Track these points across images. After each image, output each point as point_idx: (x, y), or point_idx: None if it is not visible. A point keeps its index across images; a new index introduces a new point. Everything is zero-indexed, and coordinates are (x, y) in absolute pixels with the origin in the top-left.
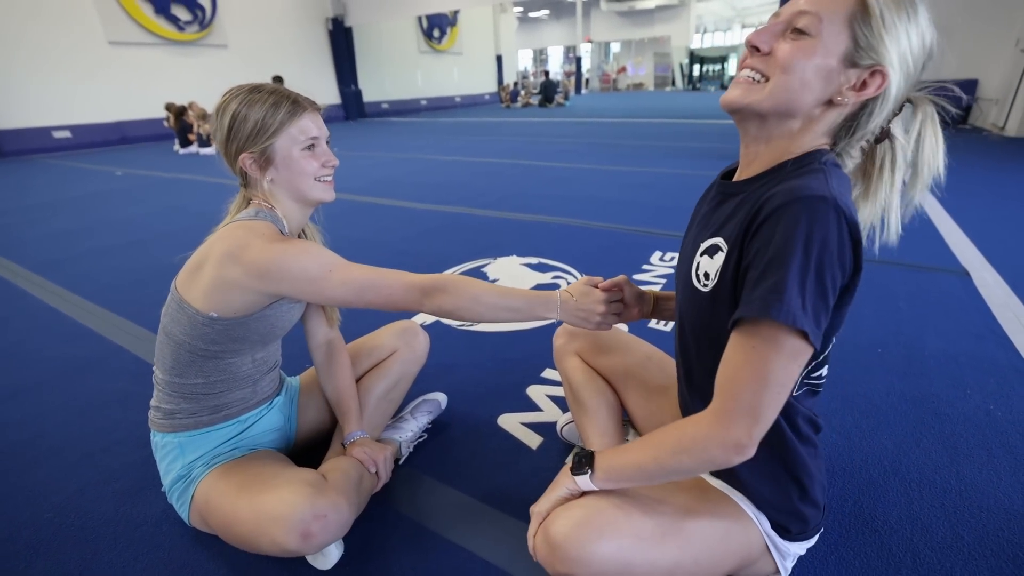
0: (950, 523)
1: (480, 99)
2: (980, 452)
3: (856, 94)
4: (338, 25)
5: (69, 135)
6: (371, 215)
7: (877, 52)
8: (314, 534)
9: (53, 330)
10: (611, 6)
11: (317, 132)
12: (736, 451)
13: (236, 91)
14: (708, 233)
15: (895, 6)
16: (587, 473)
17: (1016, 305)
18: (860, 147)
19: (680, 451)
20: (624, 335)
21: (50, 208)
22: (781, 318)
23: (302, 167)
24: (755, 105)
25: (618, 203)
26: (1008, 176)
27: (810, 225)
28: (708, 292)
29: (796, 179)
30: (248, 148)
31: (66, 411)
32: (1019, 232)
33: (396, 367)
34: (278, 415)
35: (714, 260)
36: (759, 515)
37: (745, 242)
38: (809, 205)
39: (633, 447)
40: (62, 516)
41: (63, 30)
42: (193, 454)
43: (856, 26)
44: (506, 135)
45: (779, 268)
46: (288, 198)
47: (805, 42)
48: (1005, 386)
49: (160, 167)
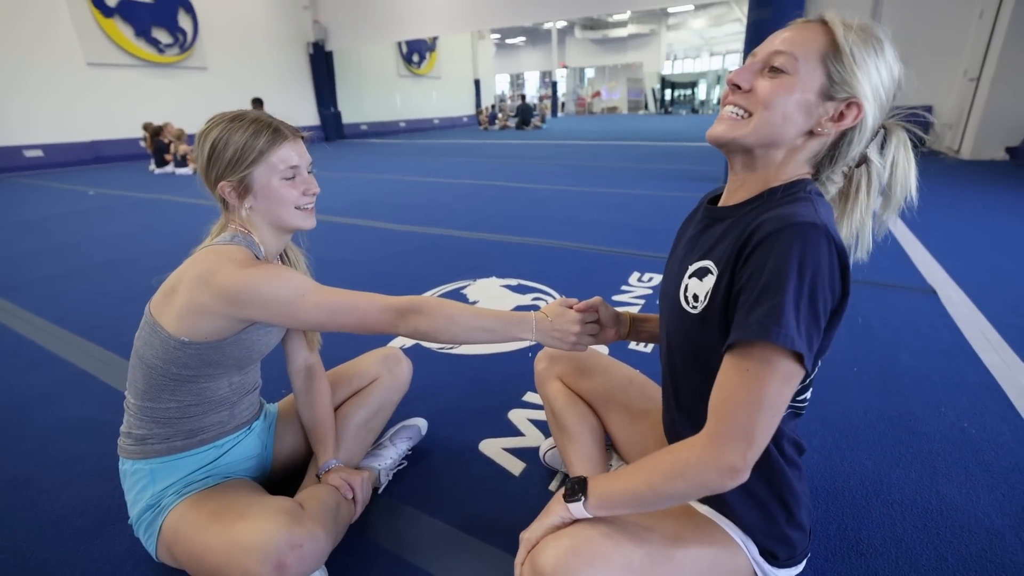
0: (933, 545)
1: (458, 121)
2: (958, 471)
3: (835, 125)
4: (319, 49)
5: (41, 154)
6: (350, 236)
7: (851, 86)
8: (289, 566)
9: (17, 356)
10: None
11: (298, 161)
12: (731, 475)
13: (219, 118)
14: (696, 256)
15: (863, 43)
16: (580, 500)
17: (982, 322)
18: (842, 172)
19: (674, 476)
20: (605, 358)
21: (17, 228)
22: (779, 340)
23: (281, 196)
24: (741, 139)
25: (596, 224)
26: (965, 197)
27: (803, 251)
28: (697, 314)
29: (785, 207)
30: (227, 176)
31: (28, 441)
32: (980, 251)
33: (377, 394)
34: (256, 441)
35: (703, 283)
36: (747, 541)
37: (736, 267)
38: (801, 231)
39: (626, 472)
40: (18, 556)
41: (42, 51)
42: (164, 481)
43: (829, 63)
44: (484, 157)
45: (775, 292)
46: (266, 225)
47: (783, 79)
48: (977, 403)
49: (135, 187)
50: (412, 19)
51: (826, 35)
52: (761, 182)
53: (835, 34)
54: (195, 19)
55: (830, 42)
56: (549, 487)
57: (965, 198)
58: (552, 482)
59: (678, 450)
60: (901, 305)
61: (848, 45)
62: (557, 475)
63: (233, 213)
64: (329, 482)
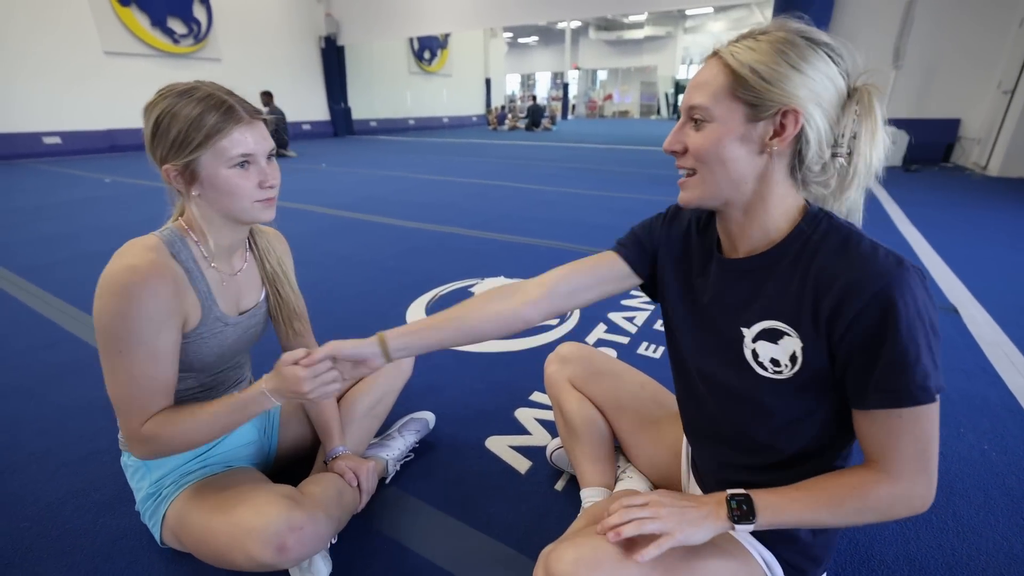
0: (948, 566)
1: (468, 121)
2: (977, 493)
3: (781, 140)
4: (331, 44)
5: (59, 141)
6: (358, 231)
7: (772, 100)
8: (289, 547)
9: (35, 334)
10: (599, 35)
11: (253, 147)
12: (923, 506)
13: (168, 90)
14: (750, 315)
15: (768, 54)
16: (752, 522)
17: (1006, 344)
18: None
19: (864, 510)
20: (617, 363)
21: (37, 213)
22: (932, 399)
23: (232, 187)
24: (702, 197)
25: (604, 228)
26: (992, 215)
27: (912, 302)
28: (785, 379)
29: (847, 252)
30: (171, 159)
31: (46, 418)
32: (1005, 270)
33: (380, 382)
34: (250, 429)
35: (781, 346)
36: (766, 555)
37: (833, 332)
38: (897, 283)
39: (799, 498)
40: (39, 526)
41: (61, 40)
42: (159, 471)
43: (739, 93)
44: (493, 157)
45: (912, 356)
46: (218, 215)
47: (706, 129)
48: (999, 426)
49: (149, 175)
50: (424, 15)
51: (724, 68)
52: (761, 220)
53: (730, 65)
54: (209, 10)
55: (730, 74)
56: (555, 486)
57: (992, 216)
58: (558, 481)
59: (863, 486)
60: None
61: (747, 67)
62: (563, 475)
63: (184, 199)
64: (335, 469)
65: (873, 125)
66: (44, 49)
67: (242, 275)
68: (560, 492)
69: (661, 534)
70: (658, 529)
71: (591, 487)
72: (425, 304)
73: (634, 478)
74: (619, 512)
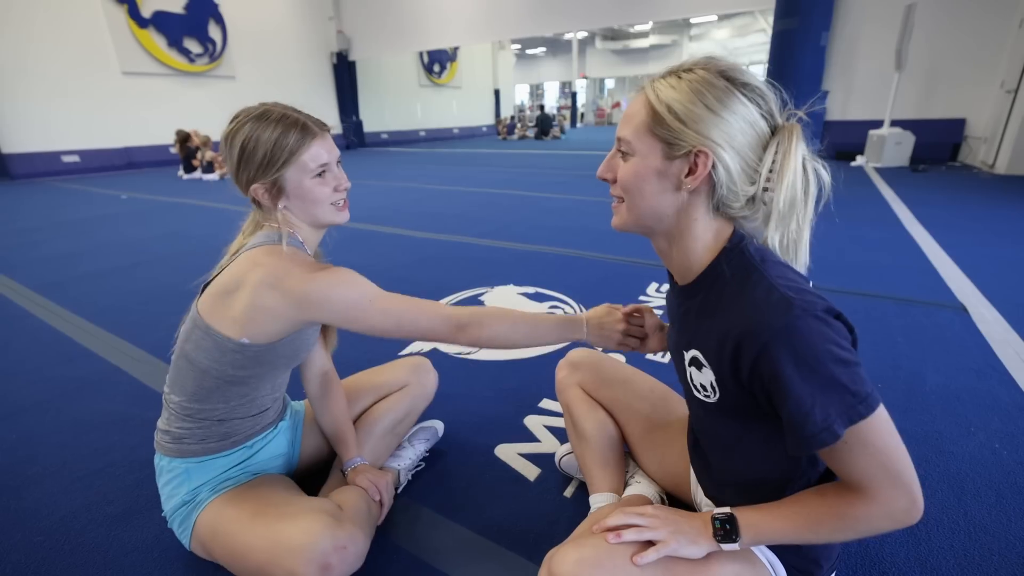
0: (960, 567)
1: (478, 131)
2: (989, 493)
3: (693, 178)
4: (342, 59)
5: (78, 159)
6: (370, 242)
7: (684, 140)
8: (333, 567)
9: (53, 350)
10: (606, 44)
11: (327, 157)
12: (909, 517)
13: (244, 117)
14: (685, 340)
15: (688, 94)
16: (736, 542)
17: (1016, 342)
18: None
19: (844, 528)
20: (627, 368)
21: (55, 230)
22: (859, 419)
23: (315, 195)
24: (627, 225)
25: (614, 234)
26: (1000, 213)
27: (798, 349)
28: (713, 403)
29: (747, 299)
30: (259, 179)
31: (62, 432)
32: (1014, 269)
33: (406, 401)
34: (283, 440)
35: (703, 373)
36: (772, 558)
37: (739, 375)
38: (782, 333)
39: (779, 516)
40: (53, 540)
41: (80, 61)
42: (199, 480)
43: (656, 131)
44: (503, 166)
45: (804, 403)
46: (303, 222)
47: (630, 162)
48: (1010, 424)
49: (164, 192)
50: (433, 29)
51: (647, 106)
52: (683, 251)
53: (651, 102)
54: (224, 30)
55: (650, 111)
56: (564, 493)
57: (1000, 214)
58: (568, 488)
59: (839, 506)
60: (929, 322)
61: (664, 106)
62: (573, 481)
63: (268, 212)
64: (357, 483)
65: (788, 164)
66: (64, 70)
67: None
68: (569, 499)
69: (657, 541)
70: (654, 537)
71: (600, 492)
72: None
73: (643, 483)
74: (617, 515)
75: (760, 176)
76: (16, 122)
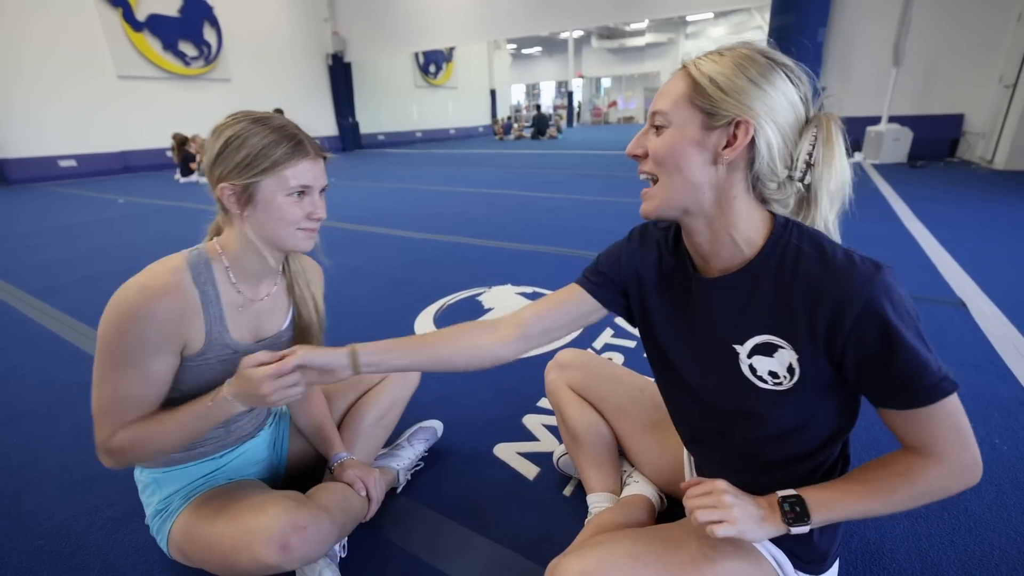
0: (960, 562)
1: (474, 131)
2: (989, 488)
3: (731, 150)
4: (337, 61)
5: (75, 164)
6: (367, 243)
7: (726, 110)
8: (293, 546)
9: (51, 354)
10: (602, 43)
11: (311, 181)
12: (974, 478)
13: (241, 116)
14: (743, 330)
15: (730, 67)
16: (807, 524)
17: (1016, 337)
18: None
19: (918, 495)
20: (617, 368)
21: (52, 234)
22: (954, 388)
23: (283, 213)
24: (661, 206)
25: (611, 233)
26: (999, 208)
27: (898, 305)
28: (786, 389)
29: (825, 263)
30: (230, 179)
31: (61, 436)
32: (1013, 264)
33: (388, 392)
34: (261, 449)
35: (777, 358)
36: (776, 553)
37: (834, 345)
38: (882, 289)
39: (848, 491)
40: (53, 543)
41: (75, 66)
42: (170, 488)
43: (696, 101)
44: (500, 166)
45: (919, 354)
46: (259, 239)
47: (665, 134)
48: (1010, 419)
49: (161, 195)
50: (429, 30)
51: (687, 79)
52: (729, 233)
53: (691, 74)
54: (219, 32)
55: (691, 83)
56: (563, 492)
57: (999, 210)
58: (567, 487)
59: (912, 472)
60: (928, 318)
61: (706, 77)
62: (571, 480)
63: (229, 218)
64: (343, 478)
65: (831, 154)
66: (59, 75)
67: (268, 300)
68: (568, 498)
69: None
70: (724, 517)
71: (596, 492)
72: (433, 314)
73: (640, 482)
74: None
75: (794, 160)
76: (12, 127)
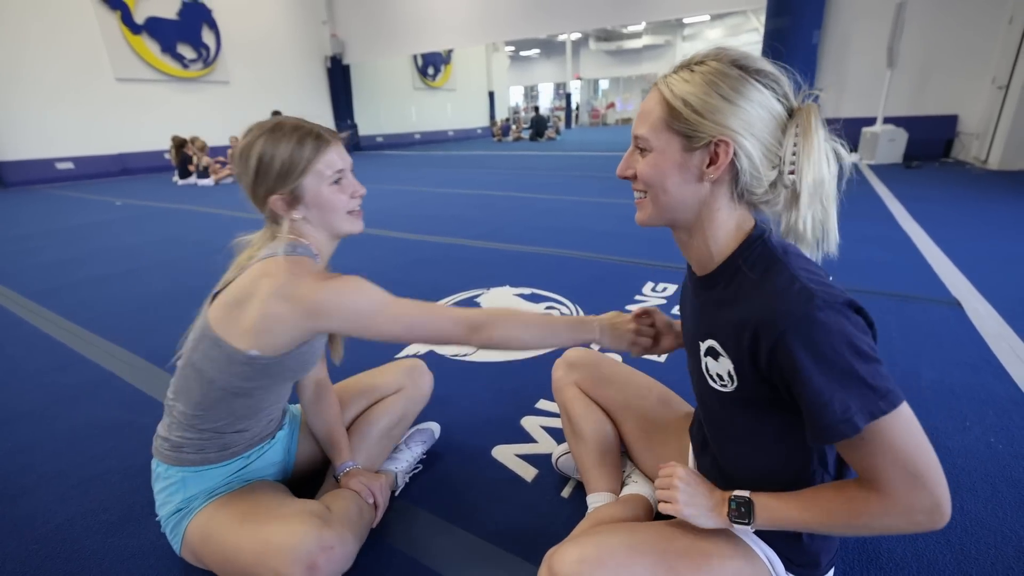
0: (957, 560)
1: (472, 133)
2: (984, 487)
3: (715, 168)
4: (336, 63)
5: (72, 166)
6: (365, 245)
7: (703, 131)
8: (320, 567)
9: (48, 357)
10: (600, 45)
11: (342, 164)
12: (931, 522)
13: (258, 131)
14: (703, 331)
15: (702, 87)
16: (748, 524)
17: (1011, 336)
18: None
19: (856, 524)
20: (624, 368)
21: (49, 237)
22: (882, 414)
23: (332, 203)
24: (652, 219)
25: (609, 234)
26: (993, 208)
27: (818, 341)
28: (730, 392)
29: (767, 289)
30: (278, 190)
31: (57, 440)
32: (1008, 263)
33: (401, 404)
34: (279, 449)
35: (720, 363)
36: (770, 553)
37: (758, 364)
38: (801, 324)
39: (795, 504)
40: (49, 547)
41: (74, 68)
42: (195, 489)
43: (674, 126)
44: (498, 168)
45: (822, 394)
46: (318, 232)
47: (649, 157)
48: (1005, 418)
49: (159, 198)
50: (427, 32)
51: (661, 100)
52: (705, 241)
53: (665, 97)
54: (218, 35)
55: (666, 107)
56: (561, 493)
57: (993, 210)
58: (565, 488)
59: (854, 501)
60: (923, 317)
61: (680, 100)
62: (570, 482)
63: (281, 223)
64: (350, 486)
65: (810, 144)
66: (57, 77)
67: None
68: (567, 499)
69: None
70: (670, 499)
71: (597, 492)
72: None
73: (640, 483)
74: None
75: (782, 160)
76: (10, 129)
